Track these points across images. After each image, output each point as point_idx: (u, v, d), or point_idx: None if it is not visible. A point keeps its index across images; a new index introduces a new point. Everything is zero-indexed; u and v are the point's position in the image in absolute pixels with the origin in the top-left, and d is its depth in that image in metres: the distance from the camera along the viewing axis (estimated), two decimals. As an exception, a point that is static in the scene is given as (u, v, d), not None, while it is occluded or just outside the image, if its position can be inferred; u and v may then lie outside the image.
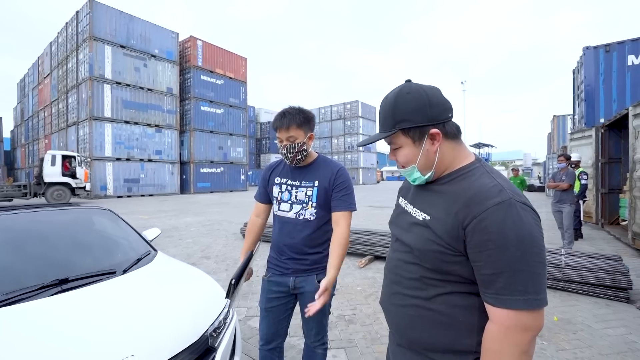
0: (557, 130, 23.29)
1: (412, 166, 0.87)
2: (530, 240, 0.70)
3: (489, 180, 0.78)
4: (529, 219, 0.71)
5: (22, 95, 34.38)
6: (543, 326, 0.72)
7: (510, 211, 0.71)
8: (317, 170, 1.66)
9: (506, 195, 0.72)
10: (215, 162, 25.76)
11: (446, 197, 0.82)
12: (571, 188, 5.58)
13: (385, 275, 1.02)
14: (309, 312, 1.42)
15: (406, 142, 0.85)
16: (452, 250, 0.77)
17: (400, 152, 0.88)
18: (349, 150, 40.58)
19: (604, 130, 8.06)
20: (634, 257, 5.19)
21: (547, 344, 2.58)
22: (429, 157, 0.84)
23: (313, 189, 1.62)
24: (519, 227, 0.69)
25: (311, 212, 1.62)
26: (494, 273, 0.71)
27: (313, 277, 1.63)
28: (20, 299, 1.47)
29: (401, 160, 0.89)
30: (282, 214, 1.67)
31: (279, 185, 1.69)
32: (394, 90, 0.87)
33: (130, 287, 1.74)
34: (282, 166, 1.74)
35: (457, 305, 0.80)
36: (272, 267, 1.72)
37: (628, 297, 3.40)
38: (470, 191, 0.77)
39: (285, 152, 1.58)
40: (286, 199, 1.66)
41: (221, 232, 7.86)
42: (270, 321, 1.68)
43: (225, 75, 26.63)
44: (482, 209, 0.72)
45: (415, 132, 0.83)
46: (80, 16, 20.36)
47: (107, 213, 2.56)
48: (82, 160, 16.18)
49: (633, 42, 9.25)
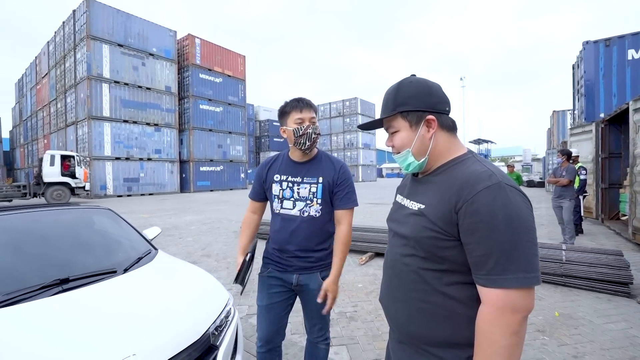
0: (557, 126, 23.25)
1: (407, 150, 0.89)
2: (519, 220, 0.72)
3: (480, 167, 0.81)
4: (518, 200, 0.74)
5: (20, 95, 34.27)
6: (533, 308, 0.74)
7: (500, 193, 0.73)
8: (320, 165, 1.61)
9: (496, 179, 0.76)
10: (215, 161, 25.74)
11: (439, 185, 0.85)
12: (571, 184, 5.57)
13: (384, 272, 1.04)
14: (324, 310, 1.46)
15: (404, 126, 0.89)
16: (446, 235, 0.79)
17: (397, 136, 0.91)
18: (348, 148, 40.54)
19: (604, 125, 8.03)
20: (634, 252, 5.20)
21: (548, 339, 2.59)
22: (423, 142, 0.88)
23: (318, 185, 1.57)
24: (508, 208, 0.72)
25: (316, 209, 1.57)
26: (484, 254, 0.73)
27: (317, 274, 1.60)
28: (21, 299, 1.46)
29: (397, 144, 0.91)
30: (285, 212, 1.61)
31: (279, 182, 1.62)
32: (399, 80, 0.93)
33: (131, 286, 1.74)
34: (280, 162, 1.67)
35: (455, 297, 0.81)
36: (271, 263, 1.67)
37: (629, 292, 3.40)
38: (463, 177, 0.80)
39: (311, 131, 1.51)
40: (288, 196, 1.60)
41: (221, 230, 7.87)
42: (272, 318, 1.64)
43: (224, 73, 26.55)
44: (473, 192, 0.75)
45: (413, 116, 0.87)
46: (77, 15, 20.25)
47: (108, 212, 2.55)
48: (81, 159, 16.14)
49: (633, 36, 9.21)
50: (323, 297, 1.54)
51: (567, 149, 6.30)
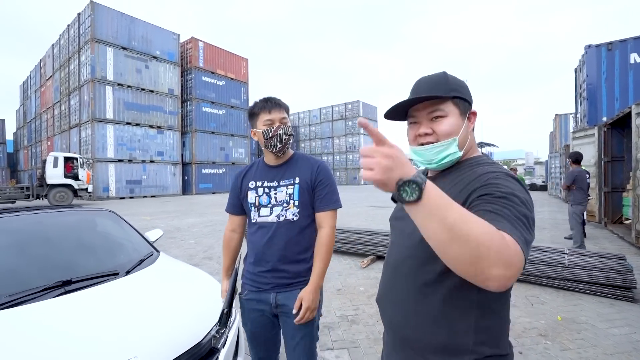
0: (560, 129, 23.17)
1: (454, 138, 0.83)
2: (531, 208, 0.70)
3: (493, 168, 0.81)
4: (530, 197, 0.74)
5: (24, 97, 34.59)
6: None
7: (517, 183, 0.74)
8: (296, 166, 1.50)
9: (512, 174, 0.77)
10: (217, 163, 25.83)
11: (450, 182, 0.83)
12: (571, 189, 5.51)
13: (383, 272, 1.01)
14: (295, 320, 1.34)
15: (454, 112, 0.84)
16: None
17: (445, 121, 0.83)
18: (350, 150, 40.58)
19: (607, 129, 8.01)
20: (637, 256, 5.16)
21: (551, 344, 2.57)
22: (466, 134, 0.86)
23: (294, 186, 1.45)
24: (523, 195, 0.71)
25: (293, 211, 1.44)
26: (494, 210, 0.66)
27: (296, 293, 1.41)
28: (24, 300, 1.47)
29: (443, 130, 0.83)
30: (262, 220, 1.46)
31: (255, 189, 1.50)
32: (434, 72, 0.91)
33: (133, 289, 1.75)
34: (254, 169, 1.56)
35: (454, 302, 0.78)
36: (247, 282, 1.51)
37: (632, 296, 3.37)
38: (475, 174, 0.79)
39: (281, 132, 1.42)
40: (265, 202, 1.47)
41: (223, 232, 7.87)
42: (259, 344, 1.51)
43: (227, 76, 26.71)
44: (491, 177, 0.74)
45: (464, 106, 0.85)
46: (82, 18, 20.47)
47: (110, 214, 2.56)
48: (84, 162, 16.25)
49: (635, 40, 9.20)
50: (298, 306, 1.36)
51: (574, 151, 6.24)
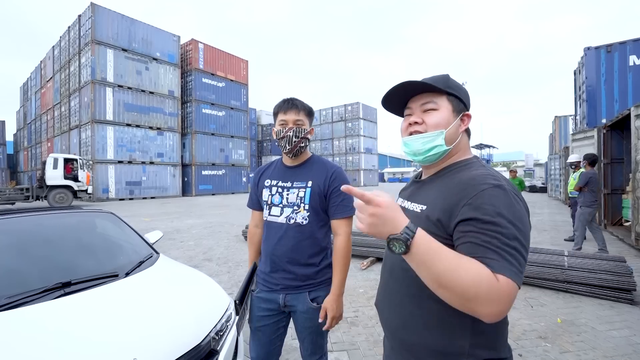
0: (559, 131, 23.22)
1: (441, 130, 0.87)
2: (521, 223, 0.71)
3: (485, 171, 0.82)
4: (520, 205, 0.75)
5: (24, 98, 34.61)
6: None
7: (505, 195, 0.74)
8: (311, 169, 1.52)
9: (499, 183, 0.76)
10: (217, 165, 25.83)
11: (442, 185, 0.86)
12: (584, 190, 5.52)
13: (381, 275, 1.02)
14: (324, 328, 1.41)
15: (447, 107, 0.89)
16: (444, 237, 0.78)
17: (434, 113, 0.88)
18: (350, 152, 40.60)
19: (606, 131, 8.03)
20: (637, 258, 5.17)
21: (550, 346, 2.57)
22: (455, 132, 0.89)
23: (306, 190, 1.47)
24: (511, 210, 0.72)
25: (303, 215, 1.45)
26: (483, 242, 0.69)
27: (305, 295, 1.46)
28: (24, 302, 1.47)
29: (432, 121, 0.88)
30: (272, 219, 1.50)
31: (269, 187, 1.54)
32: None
33: (132, 290, 1.75)
34: (272, 168, 1.61)
35: (449, 305, 0.76)
36: (260, 281, 1.56)
37: (632, 299, 3.37)
38: (467, 178, 0.80)
39: (291, 134, 1.43)
40: (277, 202, 1.50)
41: (223, 234, 7.87)
42: (261, 341, 1.53)
43: (227, 77, 26.74)
44: (478, 190, 0.75)
45: (458, 105, 0.90)
46: (82, 20, 20.50)
47: (110, 216, 2.56)
48: (84, 163, 16.24)
49: (634, 42, 9.23)
50: (323, 316, 1.42)
51: (590, 153, 6.24)
